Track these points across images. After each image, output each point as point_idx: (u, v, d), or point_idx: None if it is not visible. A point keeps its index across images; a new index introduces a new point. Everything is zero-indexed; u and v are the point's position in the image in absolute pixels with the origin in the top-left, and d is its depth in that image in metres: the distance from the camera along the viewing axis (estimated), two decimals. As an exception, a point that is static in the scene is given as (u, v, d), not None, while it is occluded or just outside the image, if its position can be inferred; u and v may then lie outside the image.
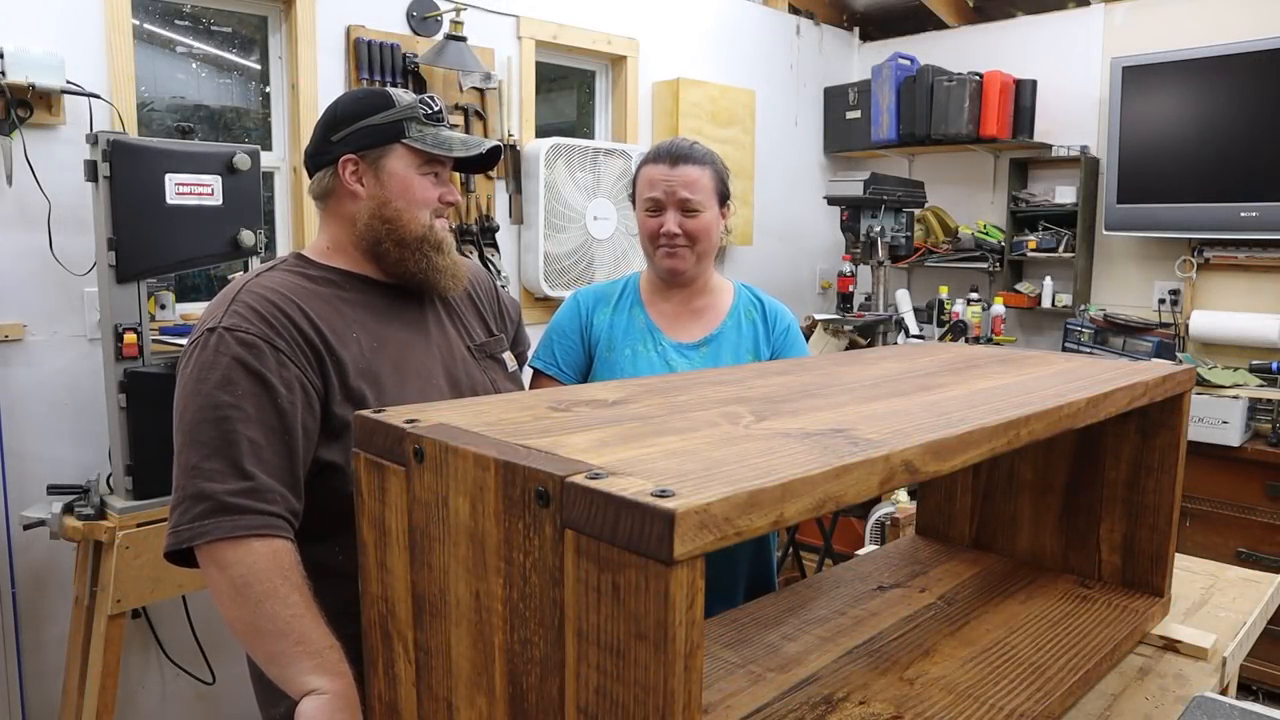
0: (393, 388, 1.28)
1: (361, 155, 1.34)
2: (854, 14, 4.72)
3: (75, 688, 2.28)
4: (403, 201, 1.34)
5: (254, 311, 1.22)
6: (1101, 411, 1.02)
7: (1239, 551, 3.20)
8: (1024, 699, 0.99)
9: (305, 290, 1.29)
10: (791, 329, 1.82)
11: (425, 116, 1.36)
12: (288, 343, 1.22)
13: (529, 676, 0.67)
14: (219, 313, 1.23)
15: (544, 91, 3.64)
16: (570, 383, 1.79)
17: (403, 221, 1.34)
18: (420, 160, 1.35)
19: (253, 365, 1.18)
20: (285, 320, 1.23)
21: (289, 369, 1.20)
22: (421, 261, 1.36)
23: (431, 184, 1.37)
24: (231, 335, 1.19)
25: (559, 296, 3.41)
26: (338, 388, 1.25)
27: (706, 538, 0.55)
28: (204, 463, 1.13)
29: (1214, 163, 3.50)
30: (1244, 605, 1.37)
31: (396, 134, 1.33)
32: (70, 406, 2.44)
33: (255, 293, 1.25)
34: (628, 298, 1.82)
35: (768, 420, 0.81)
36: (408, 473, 0.79)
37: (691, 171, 1.69)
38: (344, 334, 1.28)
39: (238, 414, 1.16)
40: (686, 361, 1.75)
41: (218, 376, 1.17)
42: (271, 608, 1.10)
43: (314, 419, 1.22)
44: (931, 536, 1.52)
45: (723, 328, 1.79)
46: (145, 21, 2.70)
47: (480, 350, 1.47)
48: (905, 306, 3.94)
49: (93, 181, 2.16)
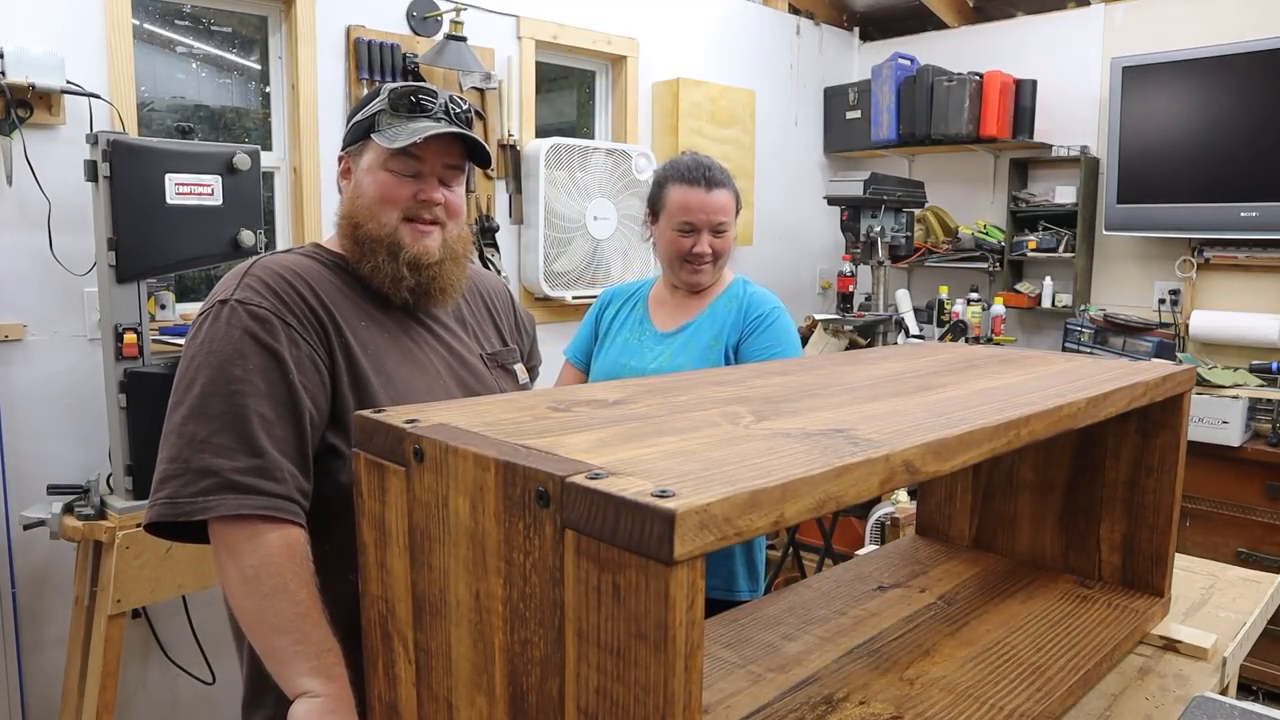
0: (400, 378, 1.26)
1: (348, 152, 1.32)
2: (854, 14, 4.72)
3: (75, 688, 2.28)
4: (364, 199, 1.28)
5: (267, 286, 1.20)
6: (1102, 411, 1.02)
7: (1239, 551, 3.20)
8: (1024, 699, 0.99)
9: (319, 273, 1.27)
10: (766, 316, 1.86)
11: (394, 107, 1.27)
12: (299, 319, 1.19)
13: (529, 677, 0.67)
14: (232, 285, 1.20)
15: (544, 91, 3.64)
16: (582, 368, 2.02)
17: (360, 220, 1.28)
18: (385, 155, 1.27)
19: (265, 339, 1.15)
20: (297, 297, 1.21)
21: (301, 345, 1.18)
22: (388, 268, 1.28)
23: (399, 182, 1.28)
24: (244, 308, 1.17)
25: (559, 297, 3.41)
26: (345, 370, 1.22)
27: (707, 538, 0.55)
28: (212, 437, 1.11)
29: (1214, 163, 3.50)
30: (1244, 605, 1.37)
31: (368, 128, 1.28)
32: (70, 406, 2.44)
33: (269, 268, 1.22)
34: (639, 295, 2.01)
35: (768, 420, 0.81)
36: (408, 473, 0.79)
37: (723, 196, 1.86)
38: (353, 320, 1.26)
39: (249, 388, 1.13)
40: (661, 348, 1.90)
41: (230, 349, 1.14)
42: (278, 604, 1.09)
43: (324, 397, 1.20)
44: (931, 536, 1.52)
45: (699, 317, 1.90)
46: (145, 21, 2.70)
47: (492, 359, 1.43)
48: (905, 306, 3.94)
49: (93, 181, 2.16)
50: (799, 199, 4.54)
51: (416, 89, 1.29)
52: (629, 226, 3.58)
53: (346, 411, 1.20)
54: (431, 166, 1.29)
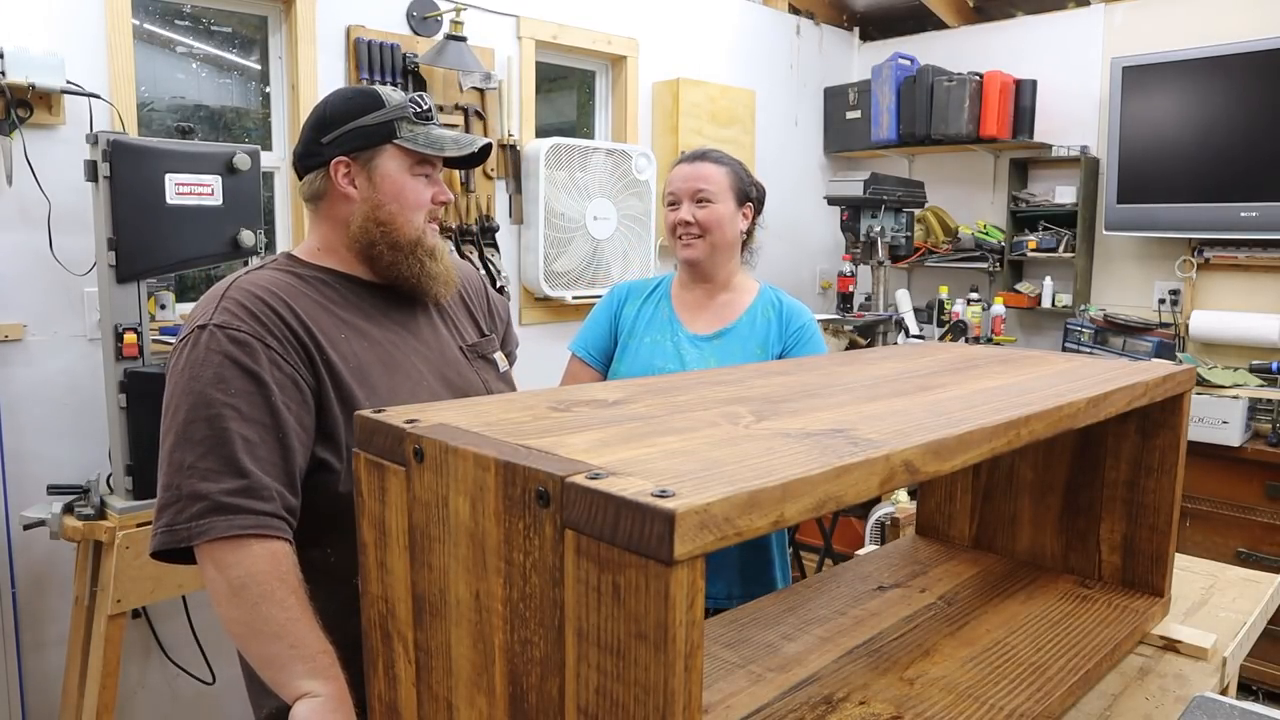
0: (384, 388, 1.27)
1: (353, 157, 1.32)
2: (854, 14, 4.72)
3: (75, 688, 2.28)
4: (396, 204, 1.33)
5: (244, 309, 1.21)
6: (1101, 412, 1.02)
7: (1239, 551, 3.20)
8: (1024, 699, 0.99)
9: (295, 289, 1.28)
10: (806, 328, 1.87)
11: (416, 116, 1.34)
12: (279, 340, 1.20)
13: (529, 677, 0.67)
14: (209, 309, 1.21)
15: (544, 91, 3.64)
16: (596, 366, 1.95)
17: (397, 225, 1.33)
18: (412, 161, 1.34)
19: (245, 363, 1.17)
20: (276, 317, 1.22)
21: (283, 367, 1.19)
22: (415, 266, 1.35)
23: (424, 185, 1.36)
24: (223, 332, 1.18)
25: (559, 297, 3.41)
26: (330, 387, 1.23)
27: (707, 538, 0.55)
28: (199, 461, 1.13)
29: (1214, 163, 3.50)
30: (1244, 605, 1.37)
31: (388, 134, 1.32)
32: (70, 406, 2.44)
33: (245, 289, 1.23)
34: (659, 292, 1.96)
35: (768, 420, 0.81)
36: (408, 473, 0.79)
37: (708, 168, 1.83)
38: (333, 334, 1.27)
39: (231, 412, 1.15)
40: (698, 351, 1.84)
41: (210, 374, 1.16)
42: (267, 610, 1.10)
43: (310, 416, 1.21)
44: (931, 536, 1.52)
45: (738, 322, 1.87)
46: (145, 21, 2.70)
47: (472, 351, 1.46)
48: (905, 306, 3.94)
49: (93, 181, 2.16)
50: (799, 199, 4.54)
51: (424, 97, 1.38)
52: (629, 226, 3.58)
53: (334, 427, 1.23)
54: (439, 169, 1.39)
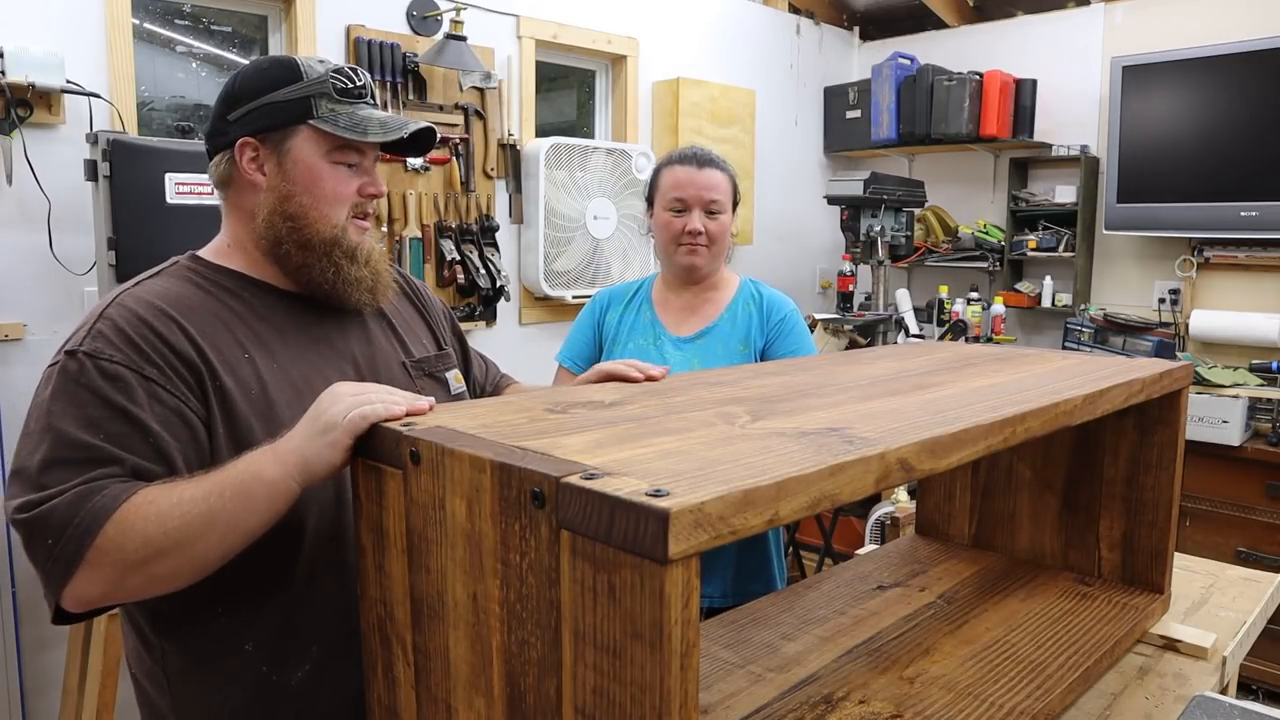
0: (291, 420, 1.00)
1: (262, 138, 1.13)
2: (854, 13, 4.72)
3: (75, 687, 2.28)
4: (309, 196, 1.14)
5: (120, 333, 1.03)
6: (1098, 408, 1.02)
7: (1239, 551, 3.20)
8: (1024, 696, 0.99)
9: (190, 301, 1.10)
10: (788, 319, 1.85)
11: (339, 91, 1.14)
12: (160, 369, 1.03)
13: (526, 677, 0.67)
14: (81, 332, 1.04)
15: (544, 91, 3.64)
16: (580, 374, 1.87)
17: (309, 220, 1.14)
18: (331, 145, 1.14)
19: (118, 401, 0.99)
20: (157, 341, 1.04)
21: (164, 400, 1.02)
22: (329, 270, 1.15)
23: (346, 175, 1.16)
24: (93, 363, 1.01)
25: (559, 296, 3.41)
26: (220, 419, 1.06)
27: (701, 537, 0.55)
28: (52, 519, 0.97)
29: (1214, 162, 3.50)
30: (1244, 605, 1.37)
31: (303, 113, 1.12)
32: (70, 407, 2.44)
33: (126, 306, 1.06)
34: (640, 296, 1.93)
35: (763, 420, 0.81)
36: (404, 476, 0.79)
37: (716, 175, 1.81)
38: (232, 356, 1.09)
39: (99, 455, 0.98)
40: (681, 354, 1.82)
41: (75, 413, 0.99)
42: (184, 523, 0.94)
43: (197, 450, 1.04)
44: (931, 535, 1.52)
45: (718, 321, 1.84)
46: (145, 21, 2.71)
47: (417, 367, 1.27)
48: (905, 306, 3.94)
49: (93, 181, 2.16)
50: (799, 198, 4.54)
51: (356, 70, 1.18)
52: (629, 226, 3.58)
53: (224, 459, 1.02)
54: (368, 157, 1.19)
